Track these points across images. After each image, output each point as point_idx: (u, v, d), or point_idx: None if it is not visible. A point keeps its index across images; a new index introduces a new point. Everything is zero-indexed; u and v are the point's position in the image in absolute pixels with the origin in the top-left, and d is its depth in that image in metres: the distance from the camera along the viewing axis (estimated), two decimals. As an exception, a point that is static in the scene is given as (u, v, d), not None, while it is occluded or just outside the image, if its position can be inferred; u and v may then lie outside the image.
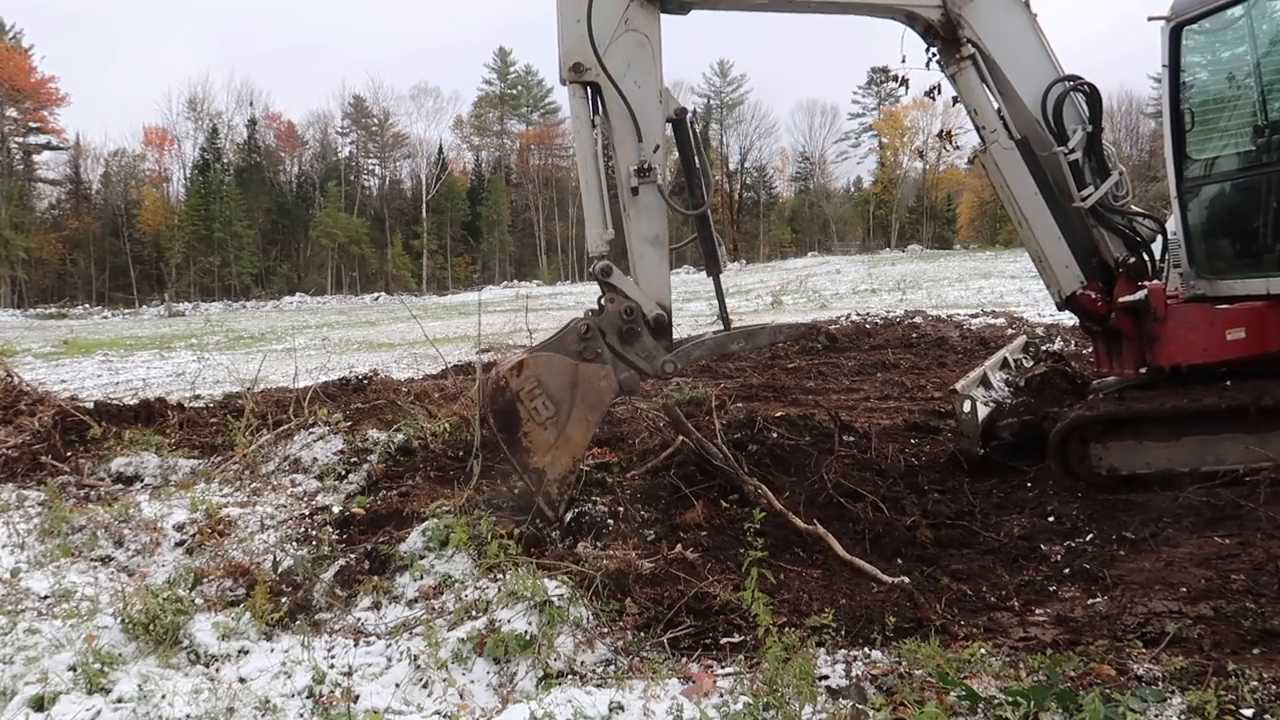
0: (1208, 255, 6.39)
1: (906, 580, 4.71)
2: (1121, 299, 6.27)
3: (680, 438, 6.39)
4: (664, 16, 5.60)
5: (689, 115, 5.68)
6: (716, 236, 5.89)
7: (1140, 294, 6.21)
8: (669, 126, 5.64)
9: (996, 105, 6.26)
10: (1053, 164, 6.24)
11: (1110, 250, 6.34)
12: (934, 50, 6.30)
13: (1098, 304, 6.34)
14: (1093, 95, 6.21)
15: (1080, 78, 6.20)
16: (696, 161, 5.71)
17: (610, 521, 5.42)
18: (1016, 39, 6.16)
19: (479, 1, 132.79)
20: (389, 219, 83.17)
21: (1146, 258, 6.40)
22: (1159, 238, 6.44)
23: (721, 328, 6.02)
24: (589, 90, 5.47)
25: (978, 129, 6.35)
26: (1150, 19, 6.34)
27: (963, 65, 6.15)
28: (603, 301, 5.55)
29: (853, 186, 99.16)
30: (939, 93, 6.59)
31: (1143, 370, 6.41)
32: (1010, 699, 3.25)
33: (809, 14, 6.28)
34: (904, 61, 6.42)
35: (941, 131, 8.47)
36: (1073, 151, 6.12)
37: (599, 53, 5.30)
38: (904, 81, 6.70)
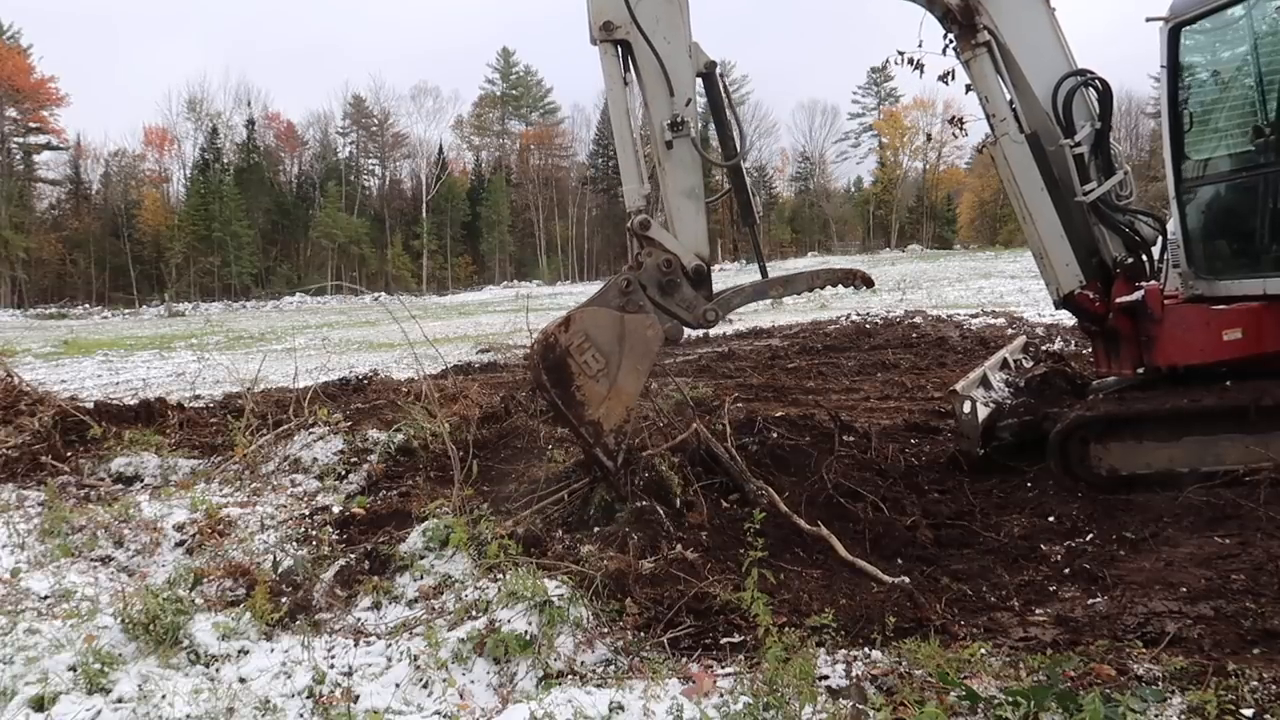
0: (1205, 256, 6.39)
1: (906, 580, 4.71)
2: (1119, 300, 6.27)
3: (695, 426, 6.35)
4: None
5: (718, 69, 5.71)
6: (751, 188, 5.94)
7: (1137, 295, 6.22)
8: (699, 81, 5.68)
9: (1009, 96, 6.27)
10: (1059, 158, 6.23)
11: (1110, 250, 6.33)
12: (951, 35, 6.33)
13: (1096, 304, 6.35)
14: (1105, 92, 6.20)
15: (1093, 73, 6.19)
16: (728, 114, 5.76)
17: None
18: (1033, 29, 6.17)
19: (484, 3, 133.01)
20: (389, 219, 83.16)
21: (1145, 259, 6.39)
22: (1159, 238, 6.43)
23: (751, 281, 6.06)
24: (619, 49, 5.55)
25: (988, 118, 6.35)
26: (1148, 19, 6.34)
27: (978, 52, 6.17)
28: (640, 256, 5.57)
29: (853, 186, 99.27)
30: (952, 78, 6.61)
31: (1140, 370, 6.41)
32: (1010, 699, 3.25)
33: None
34: (920, 45, 6.47)
35: (953, 118, 8.61)
36: (1079, 145, 6.10)
37: (631, 9, 5.35)
38: (919, 65, 6.73)
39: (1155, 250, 6.50)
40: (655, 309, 5.51)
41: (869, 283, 6.01)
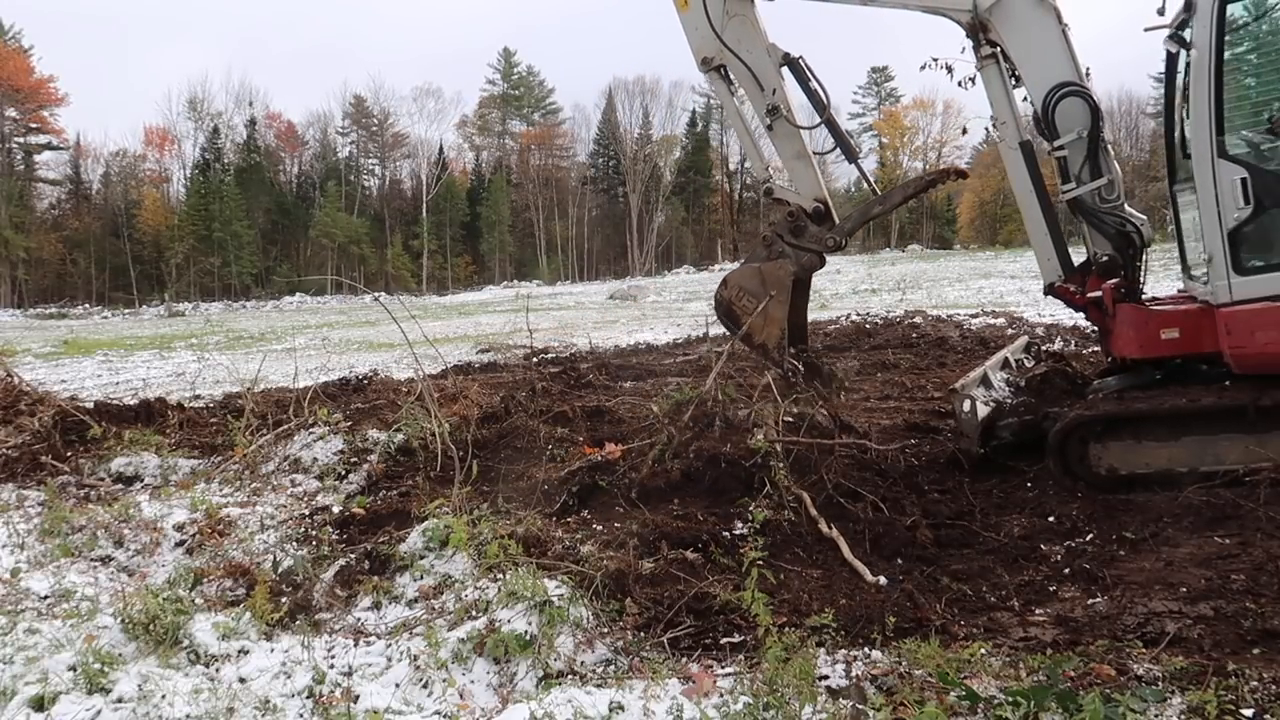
0: (1184, 257, 6.59)
1: (884, 580, 4.73)
2: (1089, 294, 6.57)
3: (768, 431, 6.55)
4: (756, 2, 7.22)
5: (796, 56, 7.15)
6: (845, 131, 7.61)
7: (1098, 291, 6.48)
8: (785, 70, 7.16)
9: (1016, 105, 6.61)
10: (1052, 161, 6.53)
11: (1090, 247, 6.55)
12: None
13: (1074, 296, 6.68)
14: (1094, 107, 6.38)
15: (1085, 88, 6.34)
16: (814, 85, 7.21)
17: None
18: (1037, 43, 6.38)
19: (493, 5, 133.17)
20: (389, 219, 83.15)
21: (1126, 256, 6.48)
22: (1142, 239, 6.55)
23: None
24: (721, 72, 7.31)
25: (992, 120, 6.74)
26: (1147, 30, 6.46)
27: (986, 63, 6.56)
28: (774, 213, 7.43)
29: (853, 186, 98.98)
30: (972, 84, 6.99)
31: (1109, 359, 6.79)
32: (1010, 699, 3.25)
33: (876, 8, 7.18)
34: (963, 52, 6.86)
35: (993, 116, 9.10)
36: (1060, 149, 6.34)
37: (723, 40, 7.08)
38: (950, 69, 7.17)
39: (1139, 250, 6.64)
40: (793, 249, 7.20)
41: (962, 174, 7.78)
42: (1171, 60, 6.48)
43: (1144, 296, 6.56)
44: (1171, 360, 6.22)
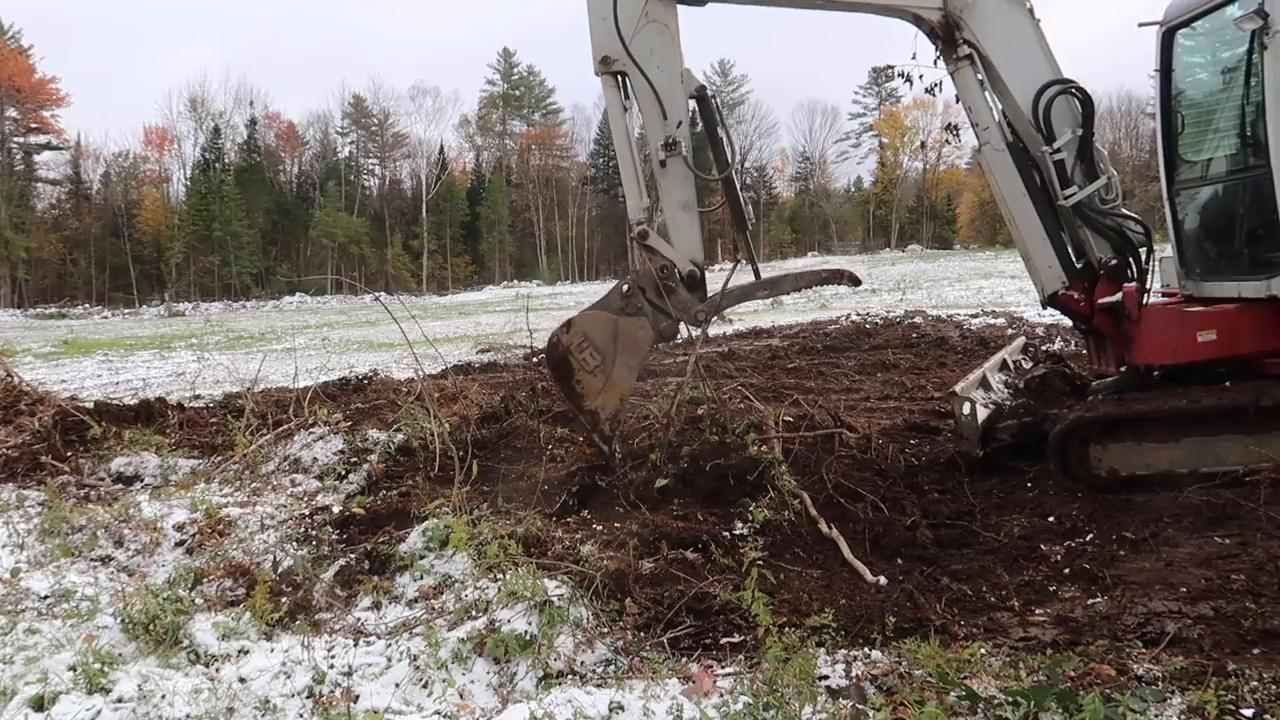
0: (1191, 257, 6.51)
1: (884, 580, 4.73)
2: (1101, 300, 6.37)
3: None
4: (681, 7, 6.18)
5: (710, 91, 6.33)
6: (742, 196, 6.60)
7: (1116, 296, 6.30)
8: (693, 103, 6.24)
9: (998, 107, 6.39)
10: (1044, 164, 6.32)
11: (1094, 252, 6.41)
12: (939, 49, 6.44)
13: (1080, 304, 6.45)
14: (1085, 101, 6.29)
15: (1074, 82, 6.26)
16: (720, 132, 6.38)
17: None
18: (1015, 42, 6.26)
19: (494, 6, 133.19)
20: (389, 219, 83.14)
21: (1131, 260, 6.43)
22: (1146, 241, 6.48)
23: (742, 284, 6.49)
24: (619, 79, 6.13)
25: (973, 127, 6.48)
26: (1141, 25, 6.42)
27: (960, 65, 6.30)
28: (640, 263, 6.19)
29: (853, 186, 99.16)
30: (939, 90, 6.78)
31: (1123, 369, 6.50)
32: (1010, 699, 3.25)
33: (819, 10, 6.58)
34: (914, 58, 6.60)
35: (948, 125, 8.66)
36: (1058, 151, 6.19)
37: (626, 45, 5.93)
38: (909, 78, 6.88)
39: (1144, 252, 6.55)
40: (653, 310, 6.08)
41: (855, 281, 6.47)
42: (1167, 52, 6.42)
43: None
44: (1201, 366, 5.98)
